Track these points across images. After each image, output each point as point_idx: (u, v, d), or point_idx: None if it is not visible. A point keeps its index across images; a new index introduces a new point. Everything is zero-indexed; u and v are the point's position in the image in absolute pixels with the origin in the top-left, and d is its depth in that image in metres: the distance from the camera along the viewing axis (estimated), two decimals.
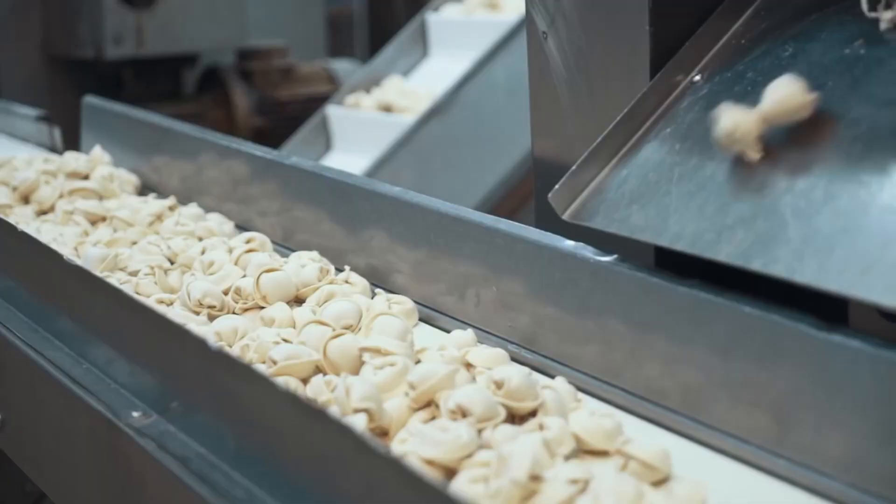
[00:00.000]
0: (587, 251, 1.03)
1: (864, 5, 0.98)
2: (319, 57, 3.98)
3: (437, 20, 3.28)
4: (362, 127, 3.13)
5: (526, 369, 0.96)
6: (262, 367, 1.04)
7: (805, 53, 1.03)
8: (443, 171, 2.88)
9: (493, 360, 1.02)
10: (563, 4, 1.17)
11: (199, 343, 0.91)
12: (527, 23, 1.22)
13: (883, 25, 0.98)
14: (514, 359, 1.08)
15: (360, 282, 1.23)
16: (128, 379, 1.06)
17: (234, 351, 1.09)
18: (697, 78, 1.09)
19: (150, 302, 1.19)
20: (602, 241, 1.03)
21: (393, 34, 3.45)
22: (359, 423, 0.88)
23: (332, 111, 3.21)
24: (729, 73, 1.06)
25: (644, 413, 0.97)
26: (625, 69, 1.12)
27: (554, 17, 1.18)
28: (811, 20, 1.06)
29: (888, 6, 0.98)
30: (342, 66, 3.71)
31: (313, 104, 3.40)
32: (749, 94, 1.02)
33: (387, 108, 3.12)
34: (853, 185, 0.88)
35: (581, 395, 1.00)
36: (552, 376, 1.03)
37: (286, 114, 3.53)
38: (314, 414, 0.77)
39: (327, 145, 3.26)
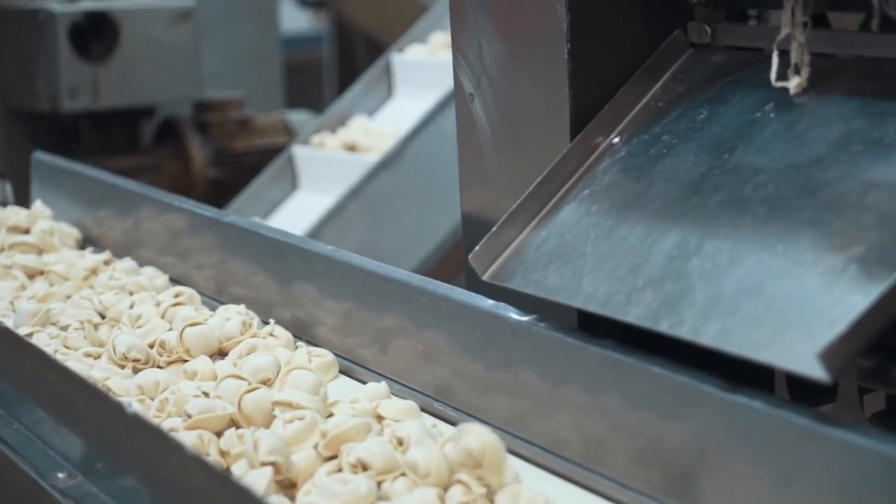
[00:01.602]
0: (508, 311, 1.05)
1: (773, 76, 1.01)
2: (277, 107, 3.99)
3: (401, 61, 3.31)
4: (327, 166, 3.14)
5: (430, 422, 0.98)
6: (177, 421, 1.05)
7: (718, 116, 1.05)
8: (395, 222, 2.89)
9: (403, 413, 1.04)
10: (488, 67, 1.19)
11: (115, 406, 0.92)
12: (454, 84, 1.24)
13: (792, 91, 1.00)
14: (429, 412, 1.10)
15: (284, 335, 1.25)
16: (56, 439, 1.07)
17: (155, 404, 1.10)
18: (616, 140, 1.11)
19: (74, 363, 1.20)
20: (529, 300, 1.05)
21: (356, 79, 3.48)
22: (264, 476, 0.90)
23: (297, 151, 3.23)
24: (646, 136, 1.09)
25: (549, 465, 0.98)
26: (546, 131, 1.15)
27: (480, 79, 1.21)
28: (726, 83, 1.08)
29: (796, 72, 1.00)
30: (298, 118, 3.73)
31: (270, 155, 3.40)
32: (663, 157, 1.05)
33: (352, 148, 3.13)
34: (759, 247, 0.90)
35: None
36: None
37: (243, 165, 3.53)
38: (217, 476, 0.79)
39: (293, 185, 3.27)
